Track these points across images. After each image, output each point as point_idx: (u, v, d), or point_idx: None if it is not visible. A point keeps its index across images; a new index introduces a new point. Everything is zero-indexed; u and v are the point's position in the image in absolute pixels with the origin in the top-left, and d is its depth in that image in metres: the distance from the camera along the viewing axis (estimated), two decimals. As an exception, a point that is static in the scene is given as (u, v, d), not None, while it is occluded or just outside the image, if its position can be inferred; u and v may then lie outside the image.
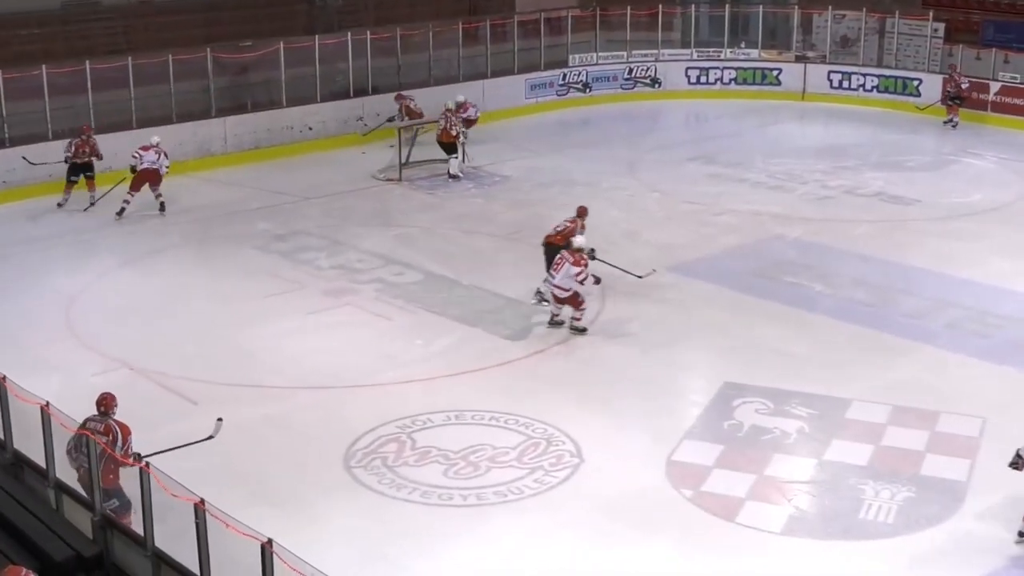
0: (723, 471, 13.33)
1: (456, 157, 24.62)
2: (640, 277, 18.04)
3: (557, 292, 16.88)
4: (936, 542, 12.06)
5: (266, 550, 9.47)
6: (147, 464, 10.72)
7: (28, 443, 12.37)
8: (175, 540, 11.00)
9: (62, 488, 11.98)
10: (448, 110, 24.75)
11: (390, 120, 26.83)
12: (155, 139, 22.48)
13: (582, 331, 16.88)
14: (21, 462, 12.57)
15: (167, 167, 22.51)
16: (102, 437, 11.33)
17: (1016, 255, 20.08)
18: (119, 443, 11.43)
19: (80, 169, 22.74)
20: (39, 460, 12.20)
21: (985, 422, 14.28)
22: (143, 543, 10.91)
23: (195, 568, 10.34)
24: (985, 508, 12.57)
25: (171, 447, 11.97)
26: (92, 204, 22.70)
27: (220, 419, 12.50)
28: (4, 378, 12.49)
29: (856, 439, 14.00)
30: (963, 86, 28.91)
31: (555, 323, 17.06)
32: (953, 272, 19.29)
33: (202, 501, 10.08)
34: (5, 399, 12.44)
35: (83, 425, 11.47)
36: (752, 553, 11.78)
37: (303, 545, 9.98)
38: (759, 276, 19.18)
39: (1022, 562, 11.66)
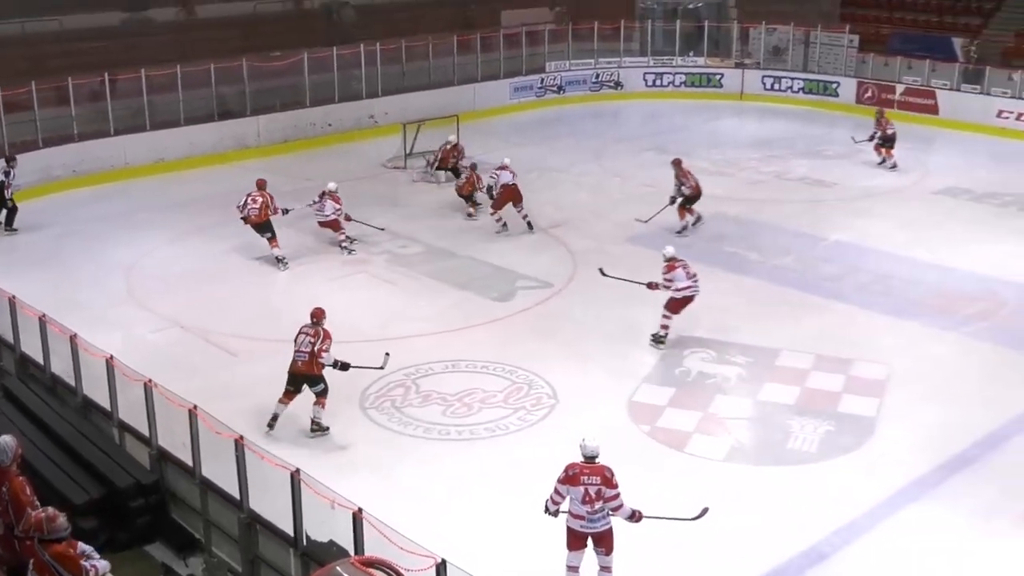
0: (674, 410, 13.34)
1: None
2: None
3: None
4: (851, 467, 12.13)
5: (295, 478, 9.47)
6: (195, 407, 10.70)
7: (95, 390, 12.34)
8: (219, 470, 11.00)
9: (124, 427, 11.96)
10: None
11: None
12: (332, 185, 19.10)
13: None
14: (90, 405, 12.54)
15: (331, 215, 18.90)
16: (311, 338, 12.51)
17: (913, 228, 20.02)
18: (319, 342, 12.44)
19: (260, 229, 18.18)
20: (105, 404, 12.17)
21: (891, 367, 14.32)
22: (192, 472, 10.90)
23: (236, 493, 10.33)
24: (891, 439, 12.65)
25: (358, 365, 12.81)
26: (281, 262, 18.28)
27: (387, 353, 13.14)
28: (75, 336, 12.44)
29: (784, 382, 14.02)
30: (889, 131, 24.31)
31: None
32: (863, 243, 19.27)
33: (241, 437, 10.07)
34: (76, 353, 12.41)
35: (301, 330, 12.65)
36: (699, 478, 11.80)
37: (326, 473, 9.98)
38: (704, 246, 19.11)
39: (923, 483, 11.74)
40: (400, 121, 25.96)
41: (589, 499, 9.46)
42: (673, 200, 19.75)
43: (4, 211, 20.37)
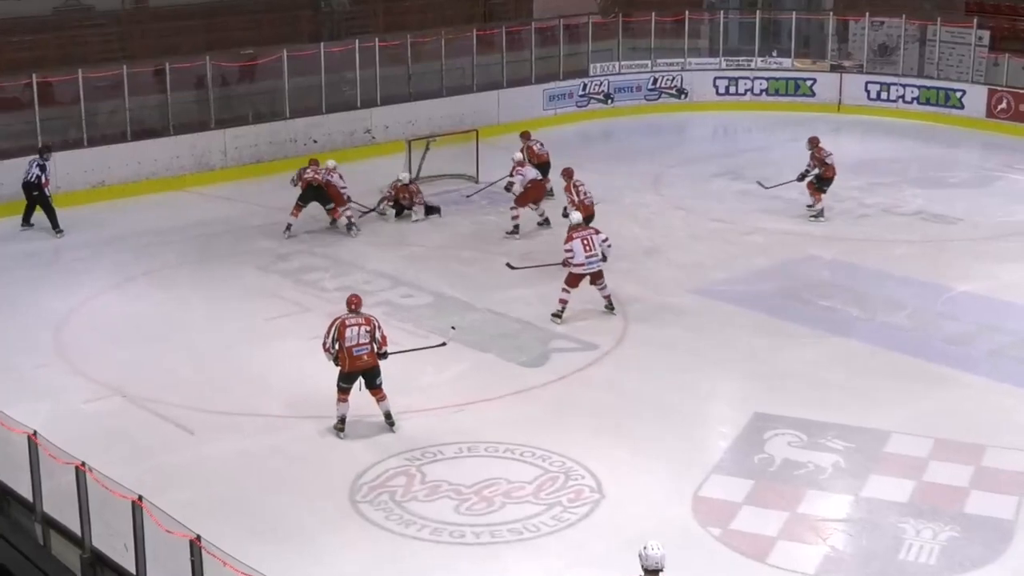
0: (753, 508, 13.26)
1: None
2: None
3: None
4: (982, 585, 12.00)
5: (266, 591, 9.43)
6: (140, 498, 10.72)
7: (15, 474, 12.37)
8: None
9: (49, 523, 11.97)
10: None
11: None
12: (331, 163, 22.81)
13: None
14: (6, 495, 12.56)
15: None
16: (366, 326, 14.50)
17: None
18: (377, 330, 14.57)
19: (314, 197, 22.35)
20: (26, 493, 12.19)
21: (1034, 456, 14.23)
22: (136, 582, 10.88)
23: (190, 609, 10.29)
24: (1034, 549, 12.51)
25: (407, 349, 15.37)
26: (352, 227, 22.47)
27: (453, 327, 16.18)
28: (-11, 406, 12.49)
29: (896, 474, 13.93)
30: (827, 161, 22.97)
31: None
32: (998, 295, 19.23)
33: (198, 537, 10.06)
34: (-10, 428, 12.44)
35: (344, 323, 14.42)
36: (784, 596, 11.73)
37: (305, 585, 9.98)
38: (791, 299, 19.11)
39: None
40: (404, 137, 26.21)
41: None
42: (565, 214, 20.26)
43: (46, 211, 21.90)
